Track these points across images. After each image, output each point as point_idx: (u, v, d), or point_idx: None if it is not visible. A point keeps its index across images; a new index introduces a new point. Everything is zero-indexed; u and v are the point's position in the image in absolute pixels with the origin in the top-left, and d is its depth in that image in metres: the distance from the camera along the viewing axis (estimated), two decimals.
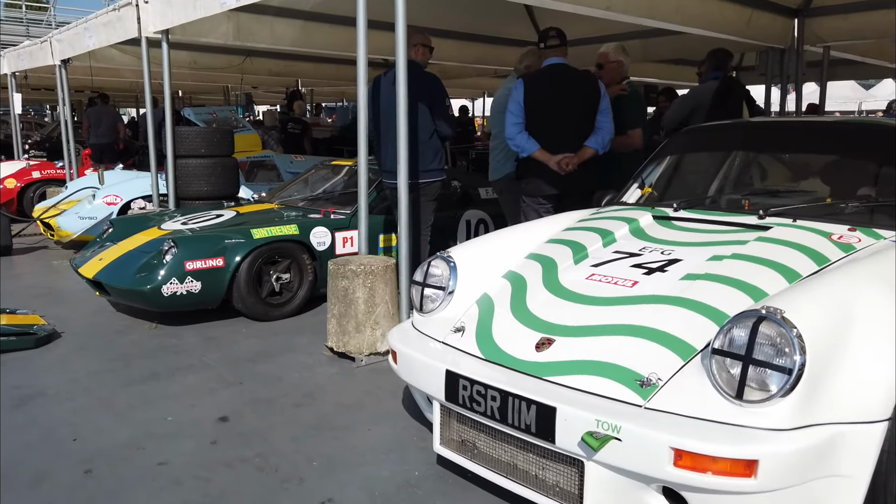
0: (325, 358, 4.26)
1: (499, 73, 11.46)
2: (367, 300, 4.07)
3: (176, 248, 4.73)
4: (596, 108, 4.57)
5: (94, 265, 5.03)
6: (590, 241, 3.13)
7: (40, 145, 14.79)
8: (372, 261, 4.17)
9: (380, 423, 3.31)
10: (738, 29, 6.57)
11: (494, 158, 5.40)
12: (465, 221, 6.24)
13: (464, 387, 2.44)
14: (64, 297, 5.72)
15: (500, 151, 5.34)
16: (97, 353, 4.36)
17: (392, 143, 4.84)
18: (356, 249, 5.43)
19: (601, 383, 2.23)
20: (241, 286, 4.86)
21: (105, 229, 5.70)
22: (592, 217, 3.56)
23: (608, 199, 3.99)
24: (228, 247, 4.83)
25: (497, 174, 5.44)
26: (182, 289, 4.67)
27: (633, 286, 2.63)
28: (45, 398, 3.63)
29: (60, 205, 8.00)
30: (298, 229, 5.15)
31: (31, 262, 7.36)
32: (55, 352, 4.38)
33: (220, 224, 5.33)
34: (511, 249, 3.21)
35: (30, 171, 10.18)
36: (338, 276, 4.10)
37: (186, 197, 6.83)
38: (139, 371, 4.03)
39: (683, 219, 3.27)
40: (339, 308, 4.12)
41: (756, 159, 3.84)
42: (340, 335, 4.14)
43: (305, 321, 5.10)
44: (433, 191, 4.98)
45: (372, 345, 4.11)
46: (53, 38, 9.12)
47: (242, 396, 3.66)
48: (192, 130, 6.87)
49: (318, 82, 14.99)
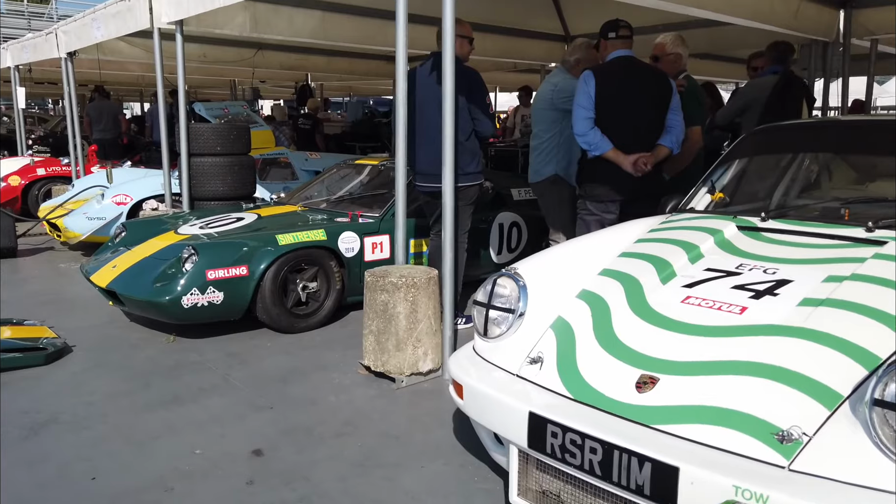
0: (361, 377, 3.91)
1: (518, 66, 11.09)
2: (408, 315, 3.71)
3: (196, 255, 4.38)
4: (667, 104, 4.22)
5: (108, 273, 4.68)
6: (673, 256, 2.77)
7: (44, 140, 14.45)
8: (413, 272, 3.81)
9: (433, 459, 2.96)
10: (786, 21, 6.20)
11: (536, 159, 5.03)
12: (497, 225, 5.88)
13: (553, 433, 2.09)
14: (74, 305, 5.37)
15: (542, 152, 4.97)
16: (113, 371, 4.01)
17: (429, 143, 4.49)
18: (386, 256, 5.11)
19: (728, 436, 1.87)
20: (265, 296, 4.51)
21: (117, 233, 5.34)
22: (665, 227, 3.20)
23: (673, 206, 3.64)
24: (252, 254, 4.48)
25: (538, 176, 5.06)
26: (203, 300, 4.32)
27: (741, 312, 2.27)
28: (59, 426, 3.28)
29: (67, 204, 7.65)
30: (326, 235, 4.79)
31: (37, 264, 7.01)
32: (67, 369, 4.04)
33: (241, 229, 4.97)
34: (581, 265, 2.85)
35: (34, 167, 9.81)
36: (376, 288, 3.75)
37: (201, 197, 6.47)
38: (159, 393, 3.68)
39: (774, 230, 2.91)
40: (378, 324, 3.76)
41: (844, 162, 3.48)
42: (379, 353, 3.78)
43: (334, 334, 4.75)
44: (471, 195, 4.62)
45: (413, 364, 3.76)
46: (59, 30, 8.75)
47: (276, 424, 3.31)
48: (207, 127, 6.51)
49: (328, 76, 14.62)
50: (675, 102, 4.29)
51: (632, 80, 4.17)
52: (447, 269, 3.80)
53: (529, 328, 2.57)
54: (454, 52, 3.68)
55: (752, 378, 1.99)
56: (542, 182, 5.05)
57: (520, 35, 9.02)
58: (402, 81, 3.96)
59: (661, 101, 4.21)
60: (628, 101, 4.12)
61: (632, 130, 4.12)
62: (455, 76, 4.11)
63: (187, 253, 4.42)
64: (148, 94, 19.76)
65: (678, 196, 3.71)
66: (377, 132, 14.05)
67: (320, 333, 4.74)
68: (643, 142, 4.16)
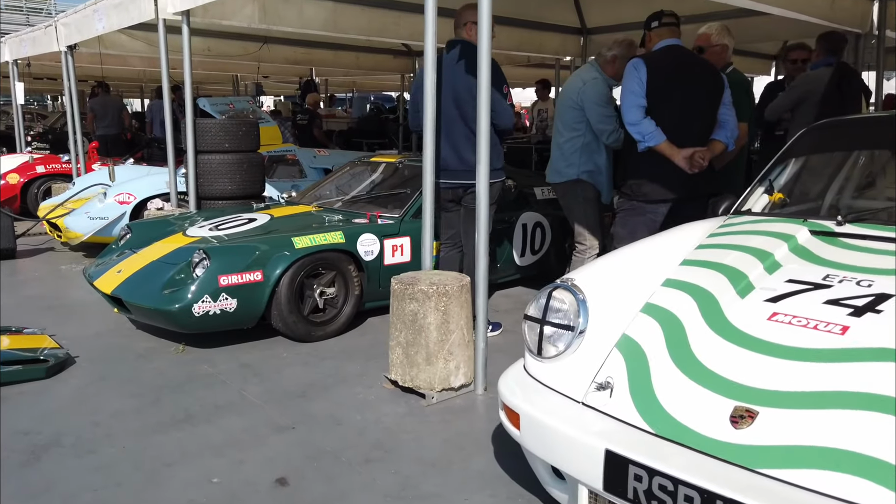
0: (387, 392, 3.62)
1: (531, 60, 10.77)
2: (439, 326, 3.43)
3: (208, 259, 4.09)
4: (719, 98, 3.93)
5: (112, 278, 4.39)
6: (746, 265, 2.49)
7: (43, 137, 14.15)
8: (444, 279, 3.53)
9: (477, 490, 2.67)
10: (823, 11, 5.89)
11: (558, 158, 4.73)
12: (521, 225, 5.59)
13: (637, 476, 1.80)
14: (76, 311, 5.09)
15: (564, 152, 4.67)
16: (119, 385, 3.72)
17: (451, 136, 4.22)
18: (406, 259, 4.83)
19: (854, 486, 1.59)
20: (281, 303, 4.23)
21: (122, 234, 5.05)
22: (726, 231, 2.92)
23: (727, 207, 3.36)
24: (267, 258, 4.19)
25: (559, 176, 4.77)
26: (215, 307, 4.04)
27: (843, 333, 1.99)
28: (62, 450, 2.99)
29: (68, 203, 7.35)
30: (344, 237, 4.50)
31: (36, 266, 6.72)
32: (70, 383, 3.75)
33: (254, 231, 4.68)
34: (641, 275, 2.57)
35: (33, 165, 9.51)
36: (405, 297, 3.46)
37: (209, 196, 6.18)
38: (170, 410, 3.40)
39: (854, 235, 2.62)
40: (407, 335, 3.48)
41: None
42: (407, 367, 3.50)
43: (353, 342, 4.46)
44: (493, 193, 4.30)
45: (445, 379, 3.47)
46: (59, 23, 8.44)
47: (300, 447, 3.02)
48: (215, 123, 6.21)
49: (334, 71, 14.30)
50: (727, 96, 4.02)
51: (684, 70, 3.88)
52: (480, 275, 3.51)
53: (592, 348, 2.29)
54: (490, 38, 3.38)
55: (869, 413, 1.71)
56: (565, 183, 4.77)
57: (535, 27, 8.71)
58: (432, 72, 3.66)
59: (715, 95, 3.92)
60: (681, 93, 3.84)
61: (684, 124, 3.84)
62: (471, 65, 3.85)
63: (198, 257, 4.13)
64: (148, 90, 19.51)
65: (730, 197, 3.43)
66: (384, 128, 13.75)
67: (339, 342, 4.46)
68: (697, 137, 3.88)
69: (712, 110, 3.92)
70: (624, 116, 3.93)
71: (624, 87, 3.96)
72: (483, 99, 3.39)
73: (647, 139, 3.85)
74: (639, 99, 3.85)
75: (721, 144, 3.93)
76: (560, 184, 4.80)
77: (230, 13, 6.29)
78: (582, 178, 4.66)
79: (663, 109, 3.82)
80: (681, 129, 3.82)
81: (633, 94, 3.86)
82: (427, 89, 3.66)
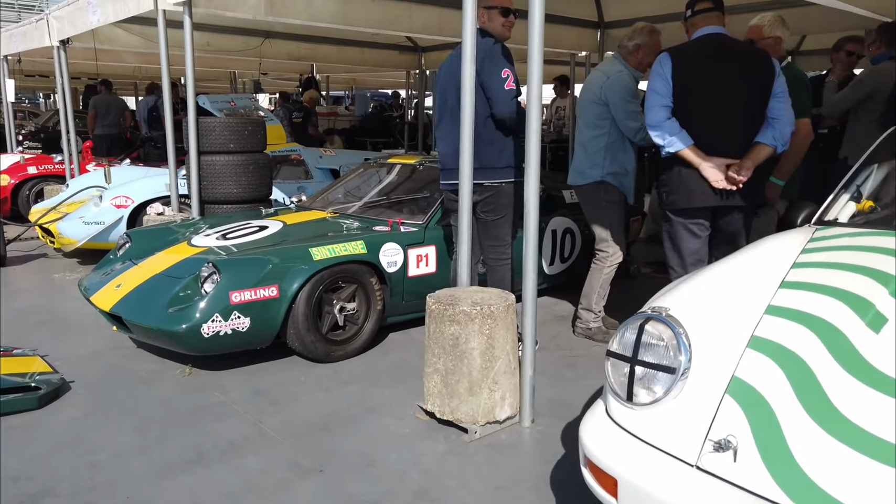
0: (422, 425, 3.23)
1: (545, 55, 10.37)
2: (484, 352, 3.03)
3: (217, 273, 3.68)
4: (769, 90, 3.49)
5: (111, 294, 3.98)
6: (865, 289, 2.10)
7: (35, 136, 13.69)
8: (488, 298, 3.13)
9: None
10: (868, 1, 5.53)
11: (580, 158, 4.35)
12: (550, 231, 5.20)
13: None
14: (70, 326, 4.67)
15: (587, 152, 4.30)
16: (120, 417, 3.32)
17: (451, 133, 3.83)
18: (431, 270, 4.44)
19: None
20: (298, 321, 3.83)
21: (121, 243, 4.64)
22: (823, 246, 2.53)
23: (806, 215, 2.98)
24: (284, 271, 3.79)
25: (581, 178, 4.39)
26: (226, 327, 3.63)
27: None
28: (58, 501, 2.59)
29: (62, 207, 6.93)
30: (366, 247, 4.10)
31: (27, 275, 6.29)
32: (65, 414, 3.34)
33: (266, 240, 4.28)
34: (736, 301, 2.17)
35: (25, 165, 9.06)
36: (444, 318, 3.06)
37: (212, 200, 5.77)
38: (179, 448, 2.99)
39: None
40: (446, 362, 3.08)
41: None
42: (447, 398, 3.10)
43: (376, 363, 4.07)
44: (501, 198, 3.87)
45: (489, 411, 3.08)
46: (51, 16, 8.00)
47: (330, 496, 2.63)
48: (218, 122, 5.80)
49: (336, 67, 13.86)
50: (779, 87, 3.52)
51: (723, 61, 3.45)
52: (529, 291, 3.11)
53: (697, 394, 1.89)
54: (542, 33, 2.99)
55: None
56: (586, 185, 4.39)
57: (551, 21, 8.27)
58: (470, 63, 3.26)
59: (762, 87, 3.48)
60: (717, 89, 3.43)
61: (722, 124, 3.43)
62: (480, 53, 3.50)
63: (207, 271, 3.72)
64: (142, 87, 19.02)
65: (809, 205, 3.05)
66: (388, 127, 13.34)
67: (360, 363, 4.06)
68: (740, 138, 3.47)
69: (760, 105, 3.49)
70: (646, 118, 3.55)
71: (648, 86, 3.59)
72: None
73: (669, 144, 3.46)
74: (662, 98, 3.47)
75: (767, 149, 3.46)
76: (582, 186, 4.42)
77: (234, 4, 5.87)
78: (606, 179, 4.30)
79: (694, 108, 3.44)
80: (717, 130, 3.42)
81: (656, 94, 3.48)
82: (465, 77, 3.26)
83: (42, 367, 3.69)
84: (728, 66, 3.47)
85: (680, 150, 3.46)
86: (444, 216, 4.58)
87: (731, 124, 3.44)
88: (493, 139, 3.75)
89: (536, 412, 3.24)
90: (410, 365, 4.01)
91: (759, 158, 3.46)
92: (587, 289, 4.52)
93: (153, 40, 8.83)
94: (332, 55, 10.99)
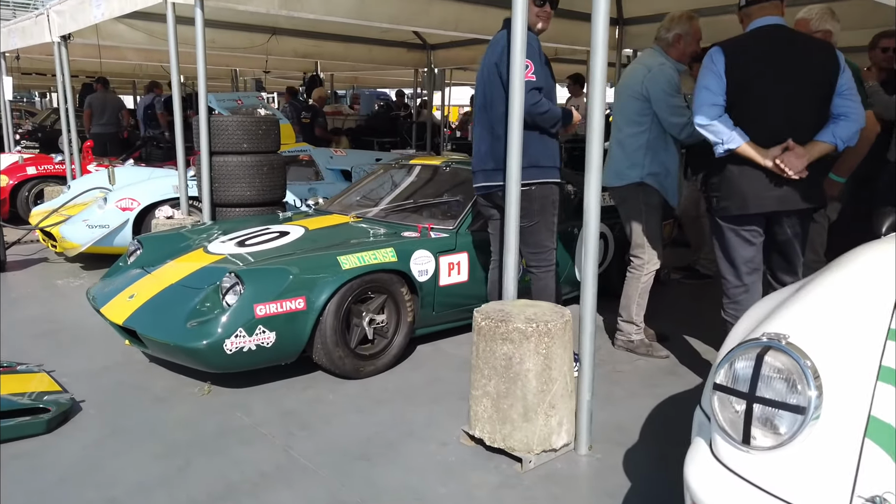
0: (468, 452, 2.95)
1: (559, 53, 10.10)
2: (540, 374, 2.76)
3: (241, 284, 3.40)
4: (833, 87, 3.21)
5: (123, 305, 3.70)
6: None
7: (32, 135, 13.37)
8: (543, 314, 2.86)
9: None
10: None
11: (617, 158, 4.09)
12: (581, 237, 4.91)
13: None
14: (77, 338, 4.38)
15: (626, 151, 4.03)
16: (137, 442, 3.03)
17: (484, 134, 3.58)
18: (464, 279, 4.17)
19: None
20: (326, 335, 3.55)
21: (131, 250, 4.35)
22: None
23: (892, 223, 2.72)
24: (311, 282, 3.51)
25: (619, 179, 4.12)
26: (251, 342, 3.35)
27: None
28: None
29: (63, 209, 6.63)
30: (397, 255, 3.83)
31: (28, 281, 5.99)
32: (75, 440, 3.06)
33: (289, 247, 4.00)
34: (853, 324, 1.90)
35: (24, 166, 8.75)
36: (496, 337, 2.79)
37: (224, 203, 5.50)
38: (205, 480, 2.71)
39: None
40: (498, 385, 2.81)
41: None
42: (498, 424, 2.83)
43: (407, 379, 3.79)
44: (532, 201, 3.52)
45: (546, 439, 2.81)
46: (52, 10, 7.69)
47: None
48: (232, 121, 5.51)
49: (340, 65, 13.57)
50: (845, 82, 3.22)
51: (783, 55, 3.18)
52: (588, 307, 2.84)
53: (832, 437, 1.62)
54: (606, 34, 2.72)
55: None
56: (623, 187, 4.12)
57: (569, 17, 8.03)
58: (520, 54, 2.99)
59: (827, 84, 3.19)
60: (776, 85, 3.15)
61: (783, 123, 3.16)
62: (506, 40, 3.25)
63: (229, 281, 3.44)
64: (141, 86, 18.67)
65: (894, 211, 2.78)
66: (395, 126, 13.05)
67: (391, 379, 3.79)
68: (803, 138, 3.18)
69: (823, 104, 3.21)
70: (696, 116, 3.28)
71: (698, 82, 3.31)
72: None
73: (726, 141, 3.19)
74: (713, 96, 3.20)
75: (824, 146, 3.17)
76: (620, 188, 4.15)
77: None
78: (646, 181, 4.03)
79: (751, 107, 3.17)
80: (776, 131, 3.14)
81: (707, 92, 3.21)
82: (515, 70, 2.99)
83: (51, 386, 3.42)
84: (788, 60, 3.19)
85: (737, 146, 3.19)
86: (474, 220, 4.32)
87: (790, 124, 3.17)
88: (539, 137, 3.48)
89: (592, 437, 2.97)
90: (444, 381, 3.74)
91: (814, 154, 3.17)
92: (625, 300, 4.25)
93: (157, 36, 8.56)
94: (340, 52, 10.71)
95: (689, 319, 4.87)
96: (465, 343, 4.36)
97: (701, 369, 3.96)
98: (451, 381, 3.73)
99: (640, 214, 4.13)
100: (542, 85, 3.37)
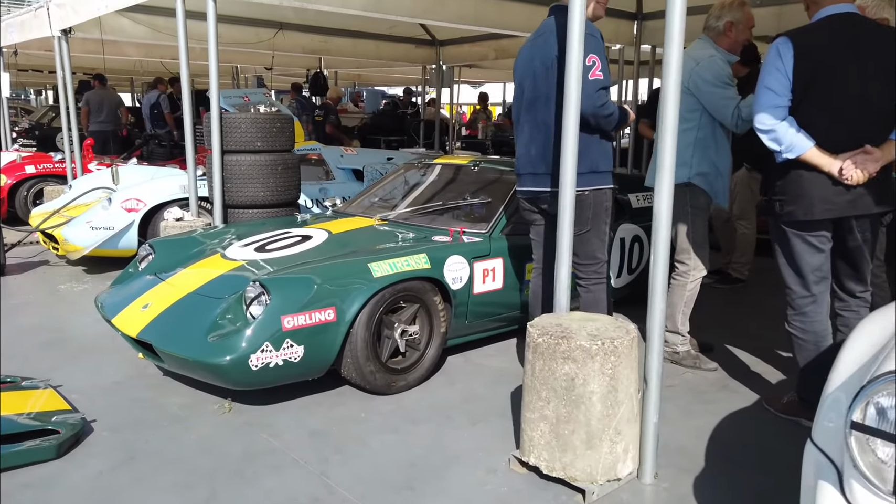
0: (521, 480, 2.69)
1: None
2: (605, 397, 2.50)
3: (266, 294, 3.13)
4: None
5: (137, 316, 3.43)
6: None
7: (30, 133, 13.07)
8: (605, 329, 2.60)
9: None
10: None
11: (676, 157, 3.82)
12: (619, 240, 4.67)
13: None
14: (84, 348, 4.10)
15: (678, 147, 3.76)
16: (156, 468, 2.76)
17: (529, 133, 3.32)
18: (498, 286, 3.92)
19: None
20: (356, 348, 3.29)
21: (143, 255, 4.07)
22: None
23: None
24: (341, 290, 3.24)
25: None
26: (278, 357, 3.08)
27: None
28: None
29: (65, 210, 6.34)
30: (430, 261, 3.56)
31: (29, 286, 5.70)
32: (89, 466, 2.78)
33: (314, 252, 3.73)
34: None
35: (22, 165, 8.45)
36: (556, 355, 2.53)
37: (237, 204, 5.24)
38: None
39: None
40: (557, 408, 2.54)
41: None
42: (558, 451, 2.56)
43: (442, 396, 3.53)
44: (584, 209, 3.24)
45: (611, 467, 2.55)
46: (52, 3, 7.39)
47: None
48: (245, 118, 5.24)
49: (345, 62, 13.28)
50: None
51: (856, 47, 2.90)
52: (656, 323, 2.58)
53: None
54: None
55: None
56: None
57: None
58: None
59: None
60: (849, 80, 2.88)
61: (851, 121, 2.89)
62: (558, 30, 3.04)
63: (253, 291, 3.17)
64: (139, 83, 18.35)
65: None
66: (401, 124, 12.78)
67: (425, 395, 3.52)
68: (871, 137, 2.91)
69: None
70: (755, 119, 3.01)
71: (760, 79, 3.03)
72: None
73: (787, 149, 2.93)
74: (776, 98, 2.92)
75: None
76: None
77: None
78: (694, 181, 3.77)
79: (820, 104, 2.90)
80: (849, 132, 2.88)
81: (771, 92, 2.93)
82: (571, 64, 2.73)
83: (59, 405, 3.15)
84: (862, 52, 2.92)
85: (801, 153, 2.93)
86: (507, 223, 4.07)
87: (865, 123, 2.90)
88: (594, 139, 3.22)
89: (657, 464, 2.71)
90: (482, 398, 3.48)
91: (889, 157, 2.92)
92: (670, 308, 3.98)
93: (161, 31, 8.29)
94: (347, 49, 10.45)
95: (728, 327, 4.62)
96: (496, 354, 4.11)
97: (753, 383, 3.71)
98: (489, 398, 3.47)
99: (685, 217, 3.87)
100: (608, 83, 3.11)
